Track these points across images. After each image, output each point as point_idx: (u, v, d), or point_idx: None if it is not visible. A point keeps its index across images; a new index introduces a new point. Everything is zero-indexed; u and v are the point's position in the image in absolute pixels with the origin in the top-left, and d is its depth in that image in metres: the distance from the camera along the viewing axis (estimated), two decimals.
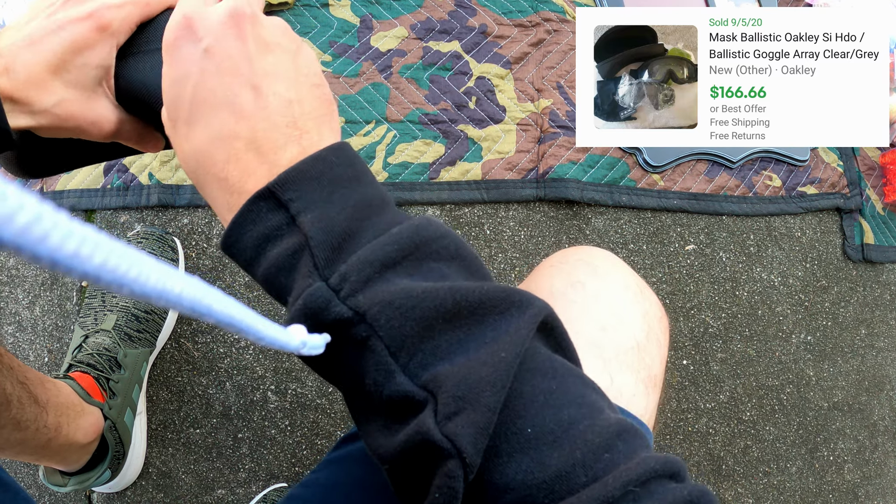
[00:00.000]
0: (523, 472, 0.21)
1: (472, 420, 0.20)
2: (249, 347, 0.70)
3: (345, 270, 0.22)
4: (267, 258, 0.23)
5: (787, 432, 0.84)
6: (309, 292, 0.22)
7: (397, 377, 0.21)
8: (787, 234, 0.86)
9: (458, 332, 0.22)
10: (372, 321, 0.22)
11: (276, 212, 0.23)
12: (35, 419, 0.45)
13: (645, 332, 0.34)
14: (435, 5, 0.79)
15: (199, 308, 0.16)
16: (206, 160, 0.25)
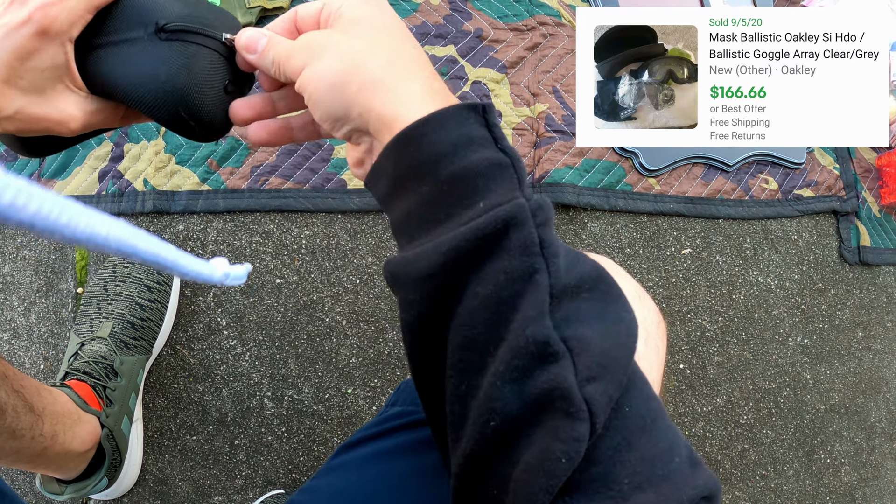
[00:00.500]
0: (613, 449, 0.21)
1: (607, 390, 0.21)
2: (245, 354, 0.71)
3: (540, 201, 0.24)
4: (466, 158, 0.23)
5: (784, 435, 0.85)
6: (516, 203, 0.23)
7: (546, 321, 0.22)
8: (783, 237, 0.87)
9: (598, 304, 0.23)
10: (550, 257, 0.22)
11: (482, 128, 0.24)
12: (31, 428, 0.45)
13: (643, 338, 0.34)
14: (430, 9, 0.79)
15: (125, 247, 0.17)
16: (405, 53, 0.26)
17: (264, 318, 0.71)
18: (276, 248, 0.72)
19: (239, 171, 0.71)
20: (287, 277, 0.72)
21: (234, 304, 0.71)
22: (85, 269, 0.72)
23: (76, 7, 0.27)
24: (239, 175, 0.71)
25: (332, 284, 0.73)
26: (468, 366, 0.23)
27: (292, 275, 0.72)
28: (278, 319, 0.71)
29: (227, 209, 0.71)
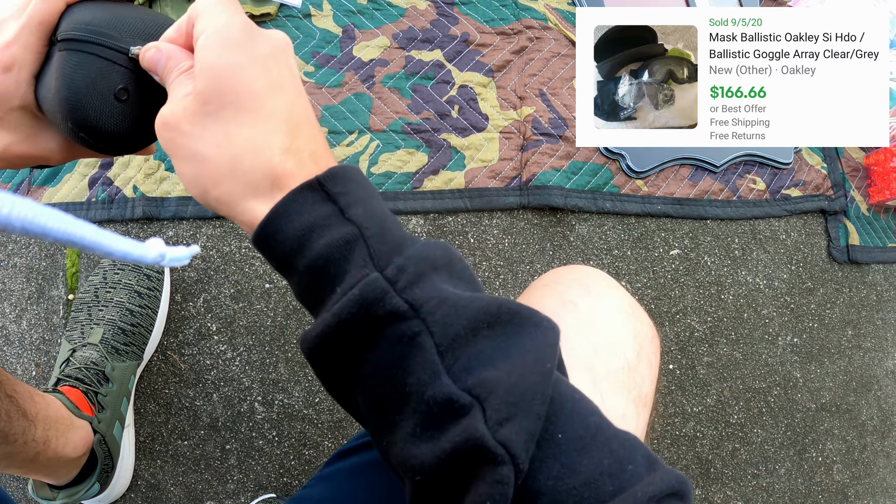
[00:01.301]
0: (554, 478, 0.22)
1: (524, 427, 0.21)
2: (236, 359, 0.73)
3: (402, 263, 0.23)
4: (313, 248, 0.24)
5: (775, 434, 0.87)
6: (367, 281, 0.22)
7: (443, 378, 0.22)
8: (771, 236, 0.89)
9: (499, 339, 0.23)
10: (426, 316, 0.22)
11: (324, 203, 0.24)
12: (23, 433, 0.47)
13: (636, 352, 0.35)
14: (417, 14, 0.81)
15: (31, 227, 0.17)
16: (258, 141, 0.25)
17: (254, 323, 0.73)
18: None
19: None
20: (276, 282, 0.74)
21: (224, 310, 0.73)
22: (76, 276, 0.73)
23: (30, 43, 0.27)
24: None
25: None
26: (381, 426, 0.24)
27: (281, 280, 0.74)
28: (268, 324, 0.73)
29: (216, 215, 0.73)
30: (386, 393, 0.23)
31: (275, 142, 0.25)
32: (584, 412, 0.23)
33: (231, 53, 0.25)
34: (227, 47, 0.25)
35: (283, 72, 0.26)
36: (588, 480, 0.22)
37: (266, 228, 0.25)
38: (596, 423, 0.23)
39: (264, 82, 0.25)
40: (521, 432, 0.21)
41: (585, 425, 0.23)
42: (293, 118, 0.26)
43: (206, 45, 0.26)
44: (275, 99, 0.26)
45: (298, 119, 0.26)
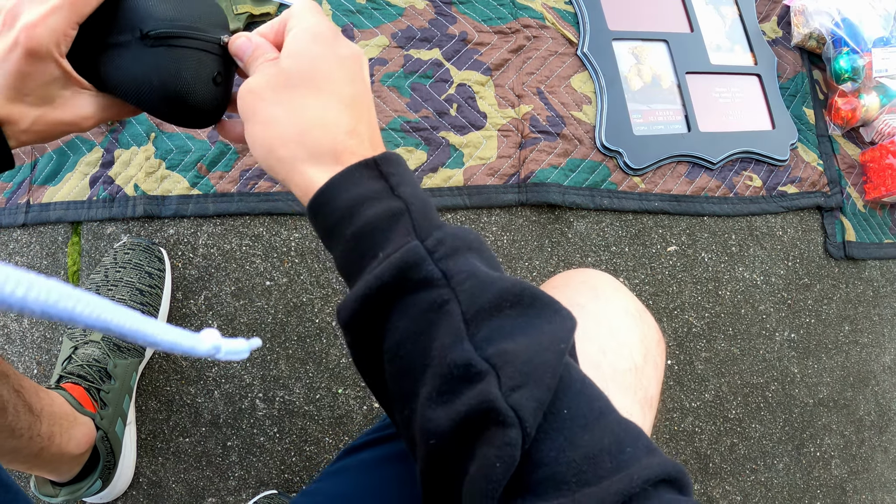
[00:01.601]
0: (556, 450, 0.23)
1: (534, 395, 0.23)
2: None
3: (441, 236, 0.26)
4: (363, 216, 0.27)
5: (774, 429, 0.88)
6: (408, 247, 0.25)
7: (465, 344, 0.24)
8: (768, 233, 0.90)
9: (520, 318, 0.25)
10: (456, 286, 0.25)
11: (377, 180, 0.27)
12: (29, 427, 0.48)
13: (643, 354, 0.36)
14: (415, 14, 0.83)
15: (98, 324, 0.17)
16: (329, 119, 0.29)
17: (255, 320, 0.74)
18: (265, 250, 0.75)
19: (228, 174, 0.74)
20: (277, 280, 0.75)
21: (225, 307, 0.74)
22: (77, 275, 0.74)
23: (58, 24, 0.28)
24: (228, 179, 0.74)
25: (321, 286, 0.76)
26: (404, 393, 0.26)
27: (282, 277, 0.75)
28: (269, 321, 0.74)
29: (217, 213, 0.74)
30: (411, 360, 0.25)
31: (342, 122, 0.29)
32: (591, 395, 0.25)
33: (318, 45, 0.29)
34: (316, 40, 0.29)
35: (356, 70, 0.30)
36: (588, 455, 0.23)
37: (324, 195, 0.28)
38: (601, 406, 0.24)
39: (341, 74, 0.29)
40: (531, 399, 0.22)
41: (590, 406, 0.24)
42: (360, 107, 0.30)
43: (297, 36, 0.30)
44: (347, 88, 0.29)
45: (363, 109, 0.30)
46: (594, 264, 0.82)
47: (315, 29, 0.30)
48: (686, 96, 0.87)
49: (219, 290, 0.74)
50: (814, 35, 0.95)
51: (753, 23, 0.95)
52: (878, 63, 0.91)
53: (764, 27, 0.97)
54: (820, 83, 0.99)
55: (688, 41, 0.90)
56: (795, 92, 0.96)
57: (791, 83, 0.97)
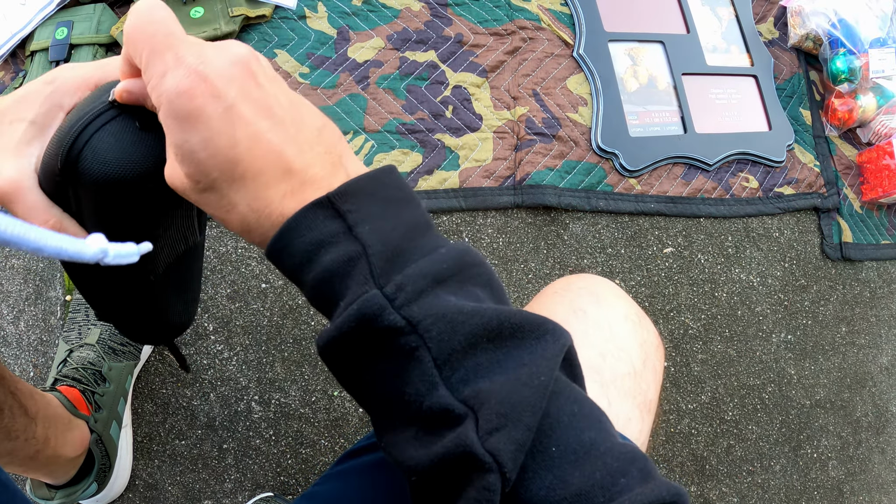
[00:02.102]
0: (546, 489, 0.22)
1: (513, 437, 0.22)
2: (232, 359, 0.74)
3: (400, 281, 0.24)
4: (320, 263, 0.25)
5: (770, 431, 0.89)
6: (365, 298, 0.23)
7: (439, 390, 0.23)
8: (764, 234, 0.91)
9: (498, 353, 0.24)
10: (423, 332, 0.23)
11: (332, 220, 0.25)
12: (25, 430, 0.49)
13: (642, 359, 0.37)
14: (411, 16, 0.83)
15: None
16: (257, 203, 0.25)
17: (250, 323, 0.75)
18: (261, 253, 0.76)
19: None
20: (272, 282, 0.76)
21: (221, 309, 0.74)
22: None
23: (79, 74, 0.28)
24: None
25: None
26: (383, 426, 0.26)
27: (277, 280, 0.76)
28: (264, 324, 0.75)
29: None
30: (388, 398, 0.25)
31: (271, 196, 0.25)
32: (582, 426, 0.24)
33: (195, 132, 0.24)
34: (189, 126, 0.24)
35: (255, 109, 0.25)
36: (579, 492, 0.22)
37: (277, 242, 0.25)
38: (592, 438, 0.24)
39: (239, 143, 0.24)
40: (510, 442, 0.22)
41: (580, 440, 0.24)
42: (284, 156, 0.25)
43: (168, 125, 0.25)
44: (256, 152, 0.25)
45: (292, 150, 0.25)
46: (590, 266, 0.83)
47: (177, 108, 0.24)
48: (682, 97, 0.88)
49: (214, 293, 0.75)
50: (810, 36, 0.96)
51: (750, 24, 0.96)
52: (875, 64, 0.91)
53: (760, 28, 0.98)
54: (816, 84, 0.99)
55: (684, 42, 0.91)
56: (792, 93, 0.97)
57: (787, 84, 0.97)
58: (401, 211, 0.26)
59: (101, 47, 0.77)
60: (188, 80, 0.24)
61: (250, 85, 0.25)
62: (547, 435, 0.23)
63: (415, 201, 0.27)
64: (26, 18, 0.76)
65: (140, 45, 0.25)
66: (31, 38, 0.76)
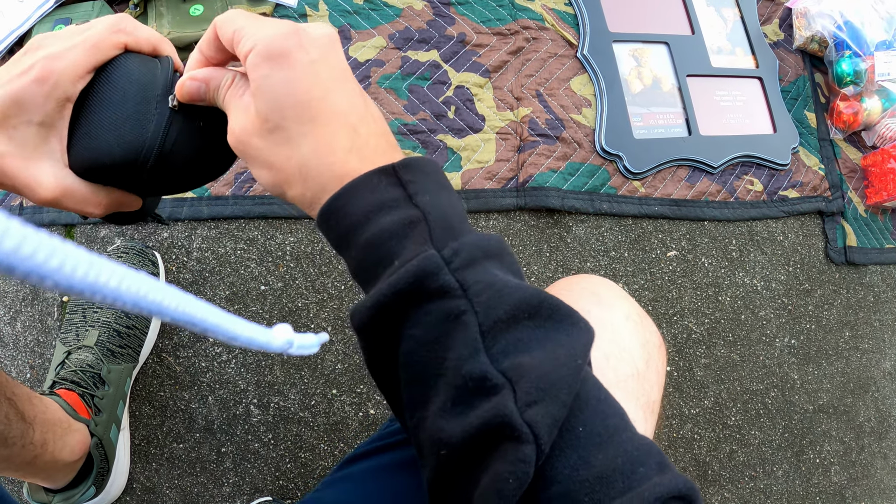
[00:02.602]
0: (570, 468, 0.23)
1: (550, 412, 0.23)
2: (231, 361, 0.74)
3: (457, 247, 0.25)
4: (378, 223, 0.26)
5: (773, 436, 0.89)
6: (424, 256, 0.25)
7: (481, 356, 0.24)
8: (769, 238, 0.91)
9: (537, 330, 0.25)
10: (473, 297, 0.25)
11: (395, 187, 0.27)
12: (21, 436, 0.48)
13: (645, 360, 0.37)
14: (413, 15, 0.83)
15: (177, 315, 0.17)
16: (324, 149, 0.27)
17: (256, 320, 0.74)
18: (260, 254, 0.75)
19: (223, 177, 0.74)
20: (272, 284, 0.75)
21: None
22: None
23: (76, 63, 0.28)
24: (223, 181, 0.74)
25: (316, 291, 0.76)
26: (416, 401, 0.26)
27: (277, 281, 0.75)
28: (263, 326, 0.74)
29: (211, 216, 0.74)
30: (425, 368, 0.25)
31: (337, 145, 0.27)
32: (607, 412, 0.25)
33: (280, 70, 0.27)
34: (276, 64, 0.27)
35: (333, 73, 0.28)
36: (601, 475, 0.23)
37: (338, 200, 0.27)
38: (615, 424, 0.25)
39: (316, 90, 0.27)
40: (547, 416, 0.23)
41: (605, 424, 0.24)
42: (350, 118, 0.28)
43: (255, 63, 0.27)
44: (329, 104, 0.27)
45: (356, 117, 0.28)
46: (593, 269, 0.82)
47: (270, 47, 0.27)
48: (687, 99, 0.88)
49: (213, 295, 0.74)
50: (816, 38, 0.96)
51: (755, 25, 0.96)
52: (881, 66, 0.91)
53: (765, 29, 0.98)
54: (821, 86, 0.99)
55: (689, 43, 0.91)
56: (797, 95, 0.97)
57: (792, 86, 0.97)
58: (451, 195, 0.28)
59: None
60: (285, 30, 0.27)
61: (333, 55, 0.28)
62: (575, 415, 0.24)
63: (454, 191, 0.29)
64: (24, 15, 0.76)
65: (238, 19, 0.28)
66: (29, 36, 0.76)
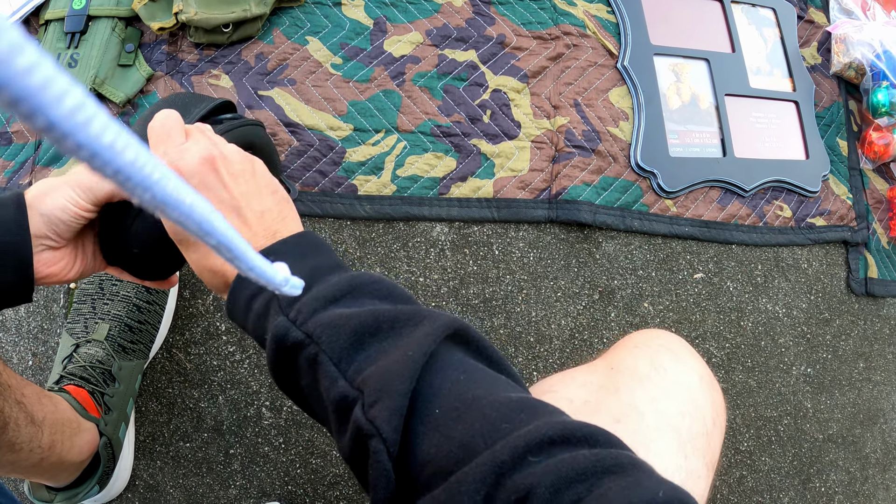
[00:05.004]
0: (435, 446, 0.25)
1: (387, 405, 0.26)
2: (244, 362, 0.70)
3: (298, 306, 0.31)
4: (253, 310, 0.33)
5: (782, 463, 0.88)
6: (276, 324, 0.31)
7: (339, 382, 0.28)
8: (794, 265, 0.89)
9: (381, 343, 0.29)
10: (317, 340, 0.29)
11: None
12: (30, 440, 0.45)
13: (713, 419, 0.38)
14: (452, 11, 0.79)
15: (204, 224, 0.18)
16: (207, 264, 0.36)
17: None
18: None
19: None
20: None
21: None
22: None
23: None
24: None
25: None
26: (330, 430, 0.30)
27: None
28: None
29: None
30: (318, 405, 0.31)
31: (216, 260, 0.35)
32: (465, 389, 0.27)
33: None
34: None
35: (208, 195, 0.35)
36: (462, 443, 0.25)
37: (227, 306, 0.36)
38: (475, 395, 0.27)
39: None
40: (384, 409, 0.26)
41: (463, 399, 0.26)
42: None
43: None
44: None
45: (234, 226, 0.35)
46: (620, 288, 0.80)
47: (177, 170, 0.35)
48: (724, 119, 0.85)
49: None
50: (853, 65, 0.94)
51: (794, 47, 0.93)
52: None
53: (804, 52, 0.95)
54: (855, 114, 0.97)
55: (729, 61, 0.88)
56: (830, 122, 0.95)
57: (827, 112, 0.95)
58: (309, 260, 0.33)
59: (120, 20, 0.72)
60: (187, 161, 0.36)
61: (210, 178, 0.35)
62: (429, 400, 0.27)
63: (324, 251, 0.35)
64: None
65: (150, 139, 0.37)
66: (47, 6, 0.71)
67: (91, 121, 0.12)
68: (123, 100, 0.69)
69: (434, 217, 0.74)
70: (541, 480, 0.22)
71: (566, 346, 0.78)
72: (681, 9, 0.88)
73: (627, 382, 0.38)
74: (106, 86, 0.69)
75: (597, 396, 0.38)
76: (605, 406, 0.37)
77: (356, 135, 0.74)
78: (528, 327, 0.76)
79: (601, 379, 0.39)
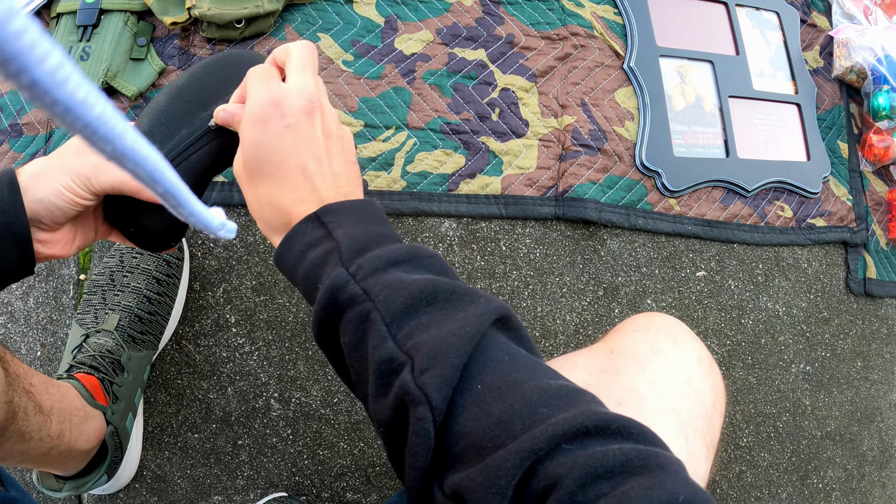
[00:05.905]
0: (472, 420, 0.25)
1: (439, 374, 0.26)
2: (253, 354, 0.69)
3: (360, 262, 0.31)
4: (308, 259, 0.33)
5: (781, 459, 0.87)
6: (334, 274, 0.30)
7: (388, 343, 0.28)
8: (794, 264, 0.88)
9: (436, 313, 0.28)
10: (374, 298, 0.29)
11: (318, 229, 0.33)
12: (39, 429, 0.44)
13: (713, 402, 0.38)
14: (462, 10, 0.78)
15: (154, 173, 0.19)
16: (276, 200, 0.35)
17: (275, 318, 0.69)
18: None
19: None
20: None
21: (245, 302, 0.69)
22: (89, 256, 0.69)
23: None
24: None
25: None
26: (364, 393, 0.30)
27: None
28: (290, 319, 0.70)
29: (241, 202, 0.69)
30: (360, 364, 0.29)
31: (286, 198, 0.35)
32: (509, 370, 0.27)
33: (256, 132, 0.35)
34: (255, 127, 0.35)
35: (297, 139, 0.35)
36: (500, 420, 0.25)
37: (280, 249, 0.35)
38: (517, 377, 0.26)
39: (280, 152, 0.35)
40: (436, 378, 0.25)
41: (505, 379, 0.26)
42: (301, 176, 0.35)
43: (245, 122, 0.35)
44: (286, 164, 0.35)
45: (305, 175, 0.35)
46: (624, 284, 0.79)
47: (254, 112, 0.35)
48: (727, 120, 0.84)
49: (239, 284, 0.69)
50: (855, 69, 0.92)
51: (797, 51, 0.92)
52: None
53: (806, 56, 0.94)
54: (855, 117, 0.96)
55: (733, 64, 0.87)
56: (832, 124, 0.94)
57: (828, 115, 0.94)
58: (370, 226, 0.33)
59: (132, 14, 0.70)
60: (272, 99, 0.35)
61: (304, 122, 0.35)
62: (473, 376, 0.26)
63: (383, 222, 0.35)
64: None
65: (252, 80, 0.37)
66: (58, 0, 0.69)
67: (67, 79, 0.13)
68: (135, 93, 0.68)
69: (443, 213, 0.72)
70: (570, 472, 0.22)
71: (571, 340, 0.77)
72: (686, 12, 0.87)
73: (627, 366, 0.37)
74: (118, 79, 0.68)
75: (597, 379, 0.37)
76: (606, 389, 0.36)
77: (367, 131, 0.72)
78: (533, 322, 0.75)
79: (601, 362, 0.38)
